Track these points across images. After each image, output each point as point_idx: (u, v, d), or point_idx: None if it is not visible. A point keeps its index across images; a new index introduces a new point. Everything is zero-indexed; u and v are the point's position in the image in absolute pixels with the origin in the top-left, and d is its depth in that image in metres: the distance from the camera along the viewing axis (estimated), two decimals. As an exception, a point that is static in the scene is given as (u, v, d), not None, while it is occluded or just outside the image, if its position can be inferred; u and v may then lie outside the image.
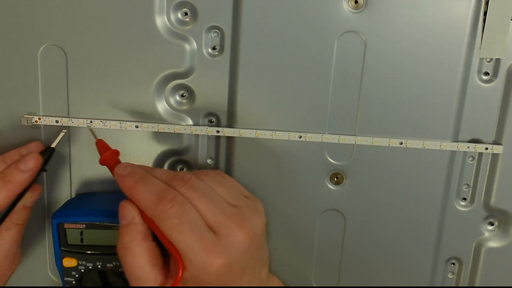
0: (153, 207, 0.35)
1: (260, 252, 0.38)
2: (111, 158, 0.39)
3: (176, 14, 0.42)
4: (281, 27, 0.42)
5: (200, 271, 0.34)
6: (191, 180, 0.37)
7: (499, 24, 0.40)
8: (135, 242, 0.36)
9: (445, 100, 0.42)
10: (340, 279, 0.47)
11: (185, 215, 0.35)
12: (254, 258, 0.37)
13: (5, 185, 0.38)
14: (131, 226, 0.36)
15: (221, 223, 0.35)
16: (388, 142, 0.43)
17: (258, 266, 0.38)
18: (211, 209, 0.36)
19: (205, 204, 0.36)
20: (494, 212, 0.45)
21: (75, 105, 0.44)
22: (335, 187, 0.45)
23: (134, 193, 0.36)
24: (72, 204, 0.45)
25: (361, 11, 0.41)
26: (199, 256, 0.34)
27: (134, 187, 0.36)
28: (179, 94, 0.44)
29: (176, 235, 0.34)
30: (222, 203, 0.37)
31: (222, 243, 0.35)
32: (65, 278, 0.44)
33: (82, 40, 0.42)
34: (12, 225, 0.41)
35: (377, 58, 0.42)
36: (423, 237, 0.46)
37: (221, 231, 0.35)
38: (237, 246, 0.35)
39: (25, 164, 0.39)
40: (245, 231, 0.36)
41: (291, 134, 0.43)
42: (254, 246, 0.36)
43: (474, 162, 0.44)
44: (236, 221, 0.36)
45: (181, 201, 0.35)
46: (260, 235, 0.38)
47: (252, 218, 0.37)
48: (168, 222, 0.34)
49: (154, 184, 0.36)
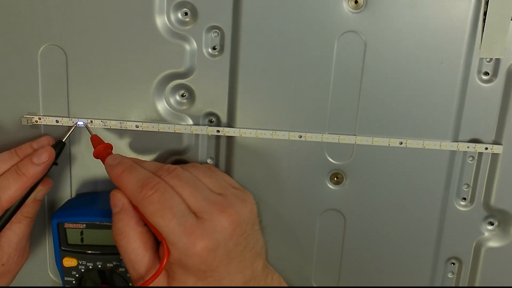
0: (136, 194, 0.36)
1: (248, 240, 0.38)
2: (104, 151, 0.40)
3: (176, 14, 0.42)
4: (281, 27, 0.42)
5: (183, 253, 0.35)
6: (176, 170, 0.38)
7: (499, 24, 0.40)
8: (128, 228, 0.37)
9: (445, 100, 0.42)
10: (340, 279, 0.47)
11: (167, 200, 0.36)
12: (241, 245, 0.37)
13: (19, 178, 0.39)
14: (122, 213, 0.38)
15: (204, 208, 0.36)
16: (388, 142, 0.43)
17: (249, 256, 0.38)
18: (194, 195, 0.37)
19: (188, 190, 0.37)
20: (494, 212, 0.45)
21: (75, 105, 0.44)
22: (335, 187, 0.45)
23: (121, 181, 0.37)
24: (72, 204, 0.45)
25: (361, 11, 0.41)
26: (180, 238, 0.35)
27: (121, 175, 0.38)
28: (179, 94, 0.44)
29: (158, 219, 0.35)
30: (206, 190, 0.38)
31: (204, 227, 0.35)
32: (65, 278, 0.44)
33: (82, 40, 0.42)
34: (22, 218, 0.41)
35: (377, 58, 0.42)
36: (423, 237, 0.46)
37: (203, 216, 0.36)
38: (220, 230, 0.36)
39: (39, 157, 0.39)
40: (228, 216, 0.36)
41: (291, 134, 0.43)
42: (238, 232, 0.37)
43: (474, 162, 0.44)
44: (219, 207, 0.36)
45: (163, 187, 0.36)
46: (247, 222, 0.38)
47: (237, 205, 0.38)
48: (150, 207, 0.36)
49: (140, 173, 0.37)
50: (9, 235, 0.41)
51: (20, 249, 0.42)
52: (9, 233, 0.41)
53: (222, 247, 0.36)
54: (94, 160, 0.43)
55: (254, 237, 0.39)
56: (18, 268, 0.43)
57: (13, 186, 0.39)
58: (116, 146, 0.44)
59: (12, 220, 0.40)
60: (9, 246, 0.41)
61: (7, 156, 0.40)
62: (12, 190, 0.38)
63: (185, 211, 0.36)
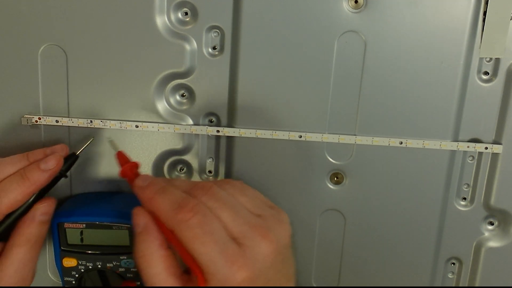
0: (173, 217, 0.33)
1: (286, 266, 0.36)
2: (130, 170, 0.38)
3: (176, 14, 0.42)
4: (281, 27, 0.42)
5: (223, 284, 0.32)
6: (212, 188, 0.35)
7: (499, 24, 0.40)
8: (150, 250, 0.35)
9: (445, 100, 0.42)
10: (340, 279, 0.47)
11: (207, 225, 0.33)
12: (280, 272, 0.35)
13: (22, 182, 0.37)
14: (145, 234, 0.35)
15: (245, 234, 0.34)
16: (388, 141, 0.43)
17: (283, 280, 0.36)
18: (234, 219, 0.34)
19: (227, 213, 0.34)
20: (494, 212, 0.45)
21: (75, 105, 0.44)
22: (335, 187, 0.45)
23: (154, 204, 0.35)
24: (72, 204, 0.45)
25: (361, 11, 0.41)
26: (221, 269, 0.32)
27: (154, 198, 0.35)
28: (179, 94, 0.44)
29: (198, 246, 0.32)
30: (246, 213, 0.35)
31: (246, 255, 0.33)
32: (65, 278, 0.44)
33: (82, 40, 0.42)
34: (24, 242, 0.38)
35: (377, 58, 0.42)
36: (423, 237, 0.46)
37: (245, 242, 0.33)
38: (262, 258, 0.33)
39: (46, 163, 0.38)
40: (270, 243, 0.34)
41: (291, 134, 0.43)
42: (279, 259, 0.35)
43: (474, 162, 0.44)
44: (260, 232, 0.34)
45: (202, 210, 0.33)
46: (286, 247, 0.36)
47: (277, 229, 0.35)
48: (189, 232, 0.33)
49: (174, 194, 0.35)
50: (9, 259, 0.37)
51: (19, 277, 0.38)
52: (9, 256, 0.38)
53: (263, 277, 0.33)
54: (93, 160, 0.43)
55: (290, 261, 0.37)
56: None
57: (15, 190, 0.37)
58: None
59: (14, 243, 0.38)
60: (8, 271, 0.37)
61: (17, 159, 0.39)
62: (13, 194, 0.37)
63: (227, 238, 0.33)
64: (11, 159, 0.39)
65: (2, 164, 0.38)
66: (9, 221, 0.38)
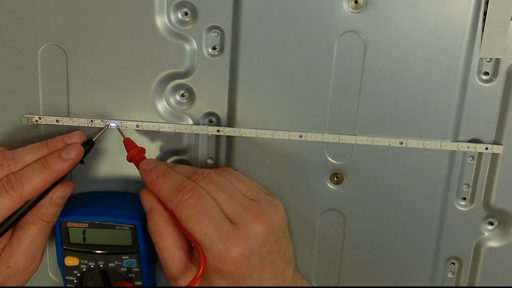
0: (172, 198, 0.36)
1: (281, 247, 0.38)
2: (137, 155, 0.41)
3: (176, 14, 0.42)
4: (281, 27, 0.42)
5: (217, 260, 0.35)
6: (210, 174, 0.39)
7: (499, 24, 0.40)
8: (159, 227, 0.38)
9: (445, 100, 0.42)
10: (340, 279, 0.47)
11: (203, 205, 0.36)
12: (274, 252, 0.38)
13: (44, 170, 0.38)
14: (153, 213, 0.38)
15: (239, 214, 0.37)
16: (388, 142, 0.43)
17: (280, 263, 0.38)
18: (229, 201, 0.37)
19: (222, 196, 0.37)
20: (494, 212, 0.45)
21: (75, 105, 0.44)
22: (335, 187, 0.45)
23: (156, 186, 0.38)
24: (75, 203, 0.45)
25: (361, 11, 0.41)
26: (216, 245, 0.35)
27: (156, 180, 0.38)
28: (179, 94, 0.44)
29: (194, 224, 0.35)
30: (240, 196, 0.38)
31: (239, 233, 0.36)
32: (67, 277, 0.44)
33: (82, 40, 0.42)
34: (37, 220, 0.40)
35: (377, 58, 0.42)
36: (423, 237, 0.46)
37: (238, 222, 0.36)
38: (254, 237, 0.36)
39: (67, 153, 0.39)
40: (262, 223, 0.37)
41: (291, 133, 0.43)
42: (271, 239, 0.37)
43: (474, 162, 0.44)
44: (253, 214, 0.37)
45: (199, 192, 0.36)
46: (279, 230, 0.38)
47: (270, 212, 0.38)
48: (186, 212, 0.36)
49: (175, 177, 0.38)
50: (20, 235, 0.40)
51: (29, 254, 0.40)
52: (21, 233, 0.40)
53: (256, 254, 0.36)
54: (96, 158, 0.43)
55: (285, 244, 0.39)
56: (24, 276, 0.41)
57: (37, 178, 0.38)
58: (116, 146, 0.44)
59: (26, 220, 0.39)
60: (18, 247, 0.40)
61: (37, 147, 0.40)
62: (35, 182, 0.38)
63: (221, 217, 0.36)
64: (31, 147, 0.40)
65: (23, 152, 0.39)
66: (27, 205, 0.39)
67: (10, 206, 0.38)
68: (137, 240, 0.42)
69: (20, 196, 0.37)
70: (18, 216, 0.39)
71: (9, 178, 0.38)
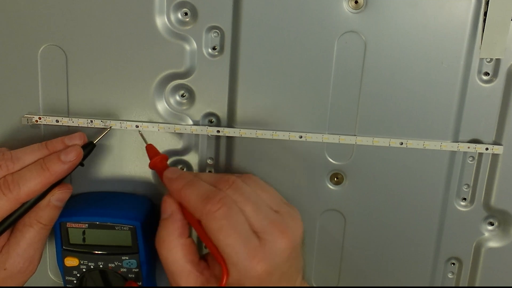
0: (201, 208, 0.35)
1: (298, 260, 0.38)
2: (160, 162, 0.40)
3: (176, 14, 0.42)
4: (281, 27, 0.42)
5: (242, 275, 0.35)
6: (236, 182, 0.38)
7: (499, 24, 0.40)
8: (171, 237, 0.37)
9: (445, 100, 0.42)
10: (340, 279, 0.47)
11: (232, 217, 0.35)
12: (293, 266, 0.37)
13: (42, 172, 0.38)
14: (169, 221, 0.37)
15: (265, 229, 0.36)
16: (389, 142, 0.43)
17: (294, 273, 0.38)
18: (256, 213, 0.36)
19: (250, 208, 0.36)
20: (494, 212, 0.45)
21: (75, 105, 0.44)
22: (335, 187, 0.45)
23: (183, 195, 0.37)
24: (74, 203, 0.45)
25: (361, 11, 0.41)
26: (243, 261, 0.34)
27: (183, 189, 0.37)
28: (179, 94, 0.44)
29: (223, 237, 0.35)
30: (266, 208, 0.37)
31: (265, 249, 0.35)
32: (67, 278, 0.44)
33: (82, 40, 0.42)
34: (34, 222, 0.39)
35: (377, 58, 0.42)
36: (423, 237, 0.46)
37: (265, 237, 0.35)
38: (279, 254, 0.36)
39: (66, 155, 0.38)
40: (287, 239, 0.36)
41: (291, 134, 0.43)
42: (293, 255, 0.37)
43: (474, 162, 0.44)
44: (279, 228, 0.36)
45: (228, 203, 0.35)
46: (299, 243, 0.38)
47: (293, 226, 0.37)
48: (215, 223, 0.35)
49: (202, 186, 0.37)
50: (18, 237, 0.39)
51: (26, 257, 0.39)
52: (18, 235, 0.39)
53: (279, 270, 0.36)
54: (96, 159, 0.43)
55: (301, 256, 0.39)
56: (21, 278, 0.40)
57: (34, 179, 0.37)
58: (116, 146, 0.44)
59: (24, 222, 0.39)
60: (15, 249, 0.39)
61: (37, 148, 0.39)
62: (33, 183, 0.37)
63: (249, 231, 0.35)
64: (30, 148, 0.39)
65: (22, 153, 0.39)
66: (24, 207, 0.38)
67: (7, 208, 0.37)
68: (137, 240, 0.42)
69: (16, 198, 0.37)
70: (15, 218, 0.38)
71: (6, 179, 0.37)
